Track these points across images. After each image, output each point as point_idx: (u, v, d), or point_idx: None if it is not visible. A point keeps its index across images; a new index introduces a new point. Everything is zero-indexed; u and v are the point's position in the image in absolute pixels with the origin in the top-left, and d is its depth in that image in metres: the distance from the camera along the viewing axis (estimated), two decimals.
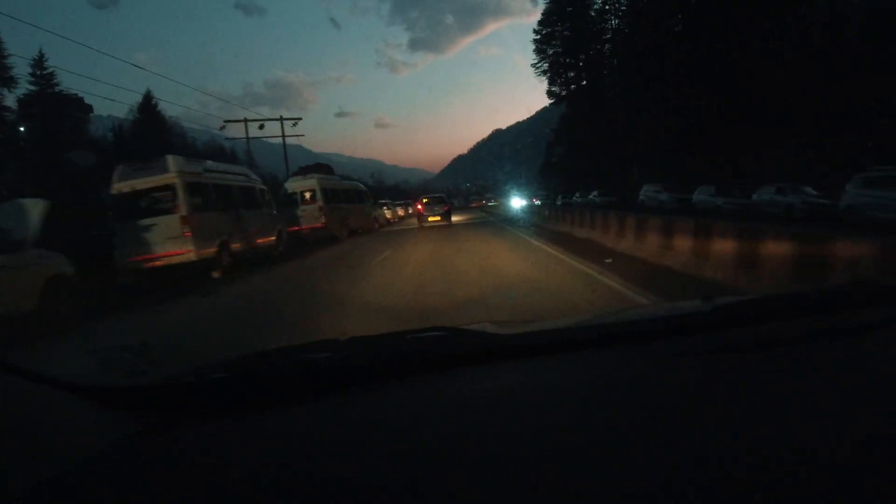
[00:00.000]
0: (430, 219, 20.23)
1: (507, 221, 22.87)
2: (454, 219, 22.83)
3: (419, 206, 21.38)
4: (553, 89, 55.38)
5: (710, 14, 27.28)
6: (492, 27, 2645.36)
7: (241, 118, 30.24)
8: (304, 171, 19.14)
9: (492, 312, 5.06)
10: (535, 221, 20.22)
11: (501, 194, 74.62)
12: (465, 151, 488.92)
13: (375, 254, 11.66)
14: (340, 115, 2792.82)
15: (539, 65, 56.20)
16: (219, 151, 50.71)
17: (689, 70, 27.84)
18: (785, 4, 24.91)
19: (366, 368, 0.92)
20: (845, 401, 0.72)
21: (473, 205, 70.45)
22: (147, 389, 0.90)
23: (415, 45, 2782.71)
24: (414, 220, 24.20)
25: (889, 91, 18.93)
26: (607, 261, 8.23)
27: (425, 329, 1.04)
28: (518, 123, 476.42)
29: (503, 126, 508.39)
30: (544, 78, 55.32)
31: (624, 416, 0.73)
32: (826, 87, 21.32)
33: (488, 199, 77.82)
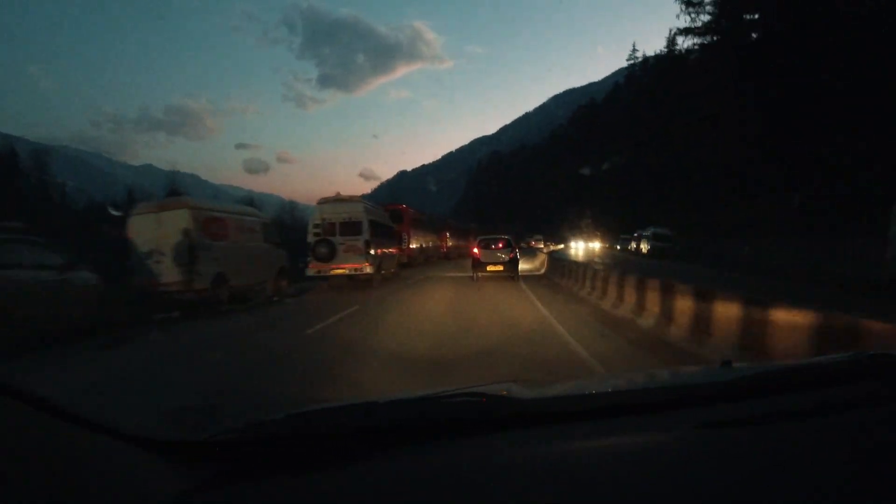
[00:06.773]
0: (490, 268, 15.18)
1: None
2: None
3: (475, 250, 15.90)
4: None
5: None
6: (403, 70, 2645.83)
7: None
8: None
9: None
10: None
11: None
12: (369, 191, 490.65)
13: None
14: (241, 146, 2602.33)
15: None
16: None
17: None
18: None
19: (403, 431, 0.99)
20: (867, 472, 0.80)
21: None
22: (202, 445, 0.94)
23: (324, 81, 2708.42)
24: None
25: None
26: None
27: (458, 394, 1.11)
28: (423, 166, 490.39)
29: (409, 168, 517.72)
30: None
31: (654, 486, 0.78)
32: None
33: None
